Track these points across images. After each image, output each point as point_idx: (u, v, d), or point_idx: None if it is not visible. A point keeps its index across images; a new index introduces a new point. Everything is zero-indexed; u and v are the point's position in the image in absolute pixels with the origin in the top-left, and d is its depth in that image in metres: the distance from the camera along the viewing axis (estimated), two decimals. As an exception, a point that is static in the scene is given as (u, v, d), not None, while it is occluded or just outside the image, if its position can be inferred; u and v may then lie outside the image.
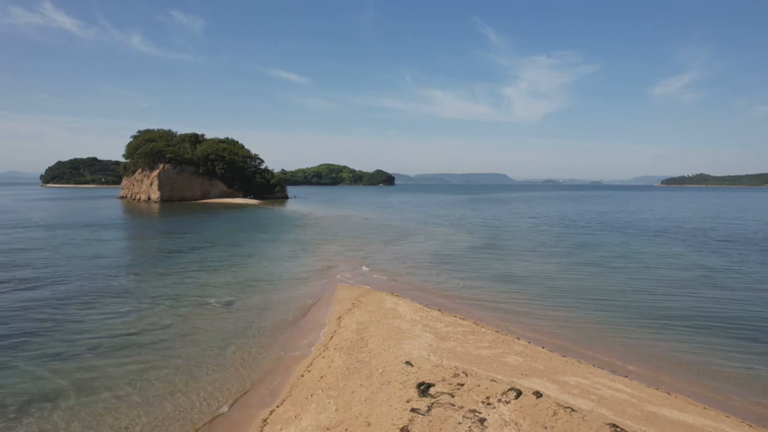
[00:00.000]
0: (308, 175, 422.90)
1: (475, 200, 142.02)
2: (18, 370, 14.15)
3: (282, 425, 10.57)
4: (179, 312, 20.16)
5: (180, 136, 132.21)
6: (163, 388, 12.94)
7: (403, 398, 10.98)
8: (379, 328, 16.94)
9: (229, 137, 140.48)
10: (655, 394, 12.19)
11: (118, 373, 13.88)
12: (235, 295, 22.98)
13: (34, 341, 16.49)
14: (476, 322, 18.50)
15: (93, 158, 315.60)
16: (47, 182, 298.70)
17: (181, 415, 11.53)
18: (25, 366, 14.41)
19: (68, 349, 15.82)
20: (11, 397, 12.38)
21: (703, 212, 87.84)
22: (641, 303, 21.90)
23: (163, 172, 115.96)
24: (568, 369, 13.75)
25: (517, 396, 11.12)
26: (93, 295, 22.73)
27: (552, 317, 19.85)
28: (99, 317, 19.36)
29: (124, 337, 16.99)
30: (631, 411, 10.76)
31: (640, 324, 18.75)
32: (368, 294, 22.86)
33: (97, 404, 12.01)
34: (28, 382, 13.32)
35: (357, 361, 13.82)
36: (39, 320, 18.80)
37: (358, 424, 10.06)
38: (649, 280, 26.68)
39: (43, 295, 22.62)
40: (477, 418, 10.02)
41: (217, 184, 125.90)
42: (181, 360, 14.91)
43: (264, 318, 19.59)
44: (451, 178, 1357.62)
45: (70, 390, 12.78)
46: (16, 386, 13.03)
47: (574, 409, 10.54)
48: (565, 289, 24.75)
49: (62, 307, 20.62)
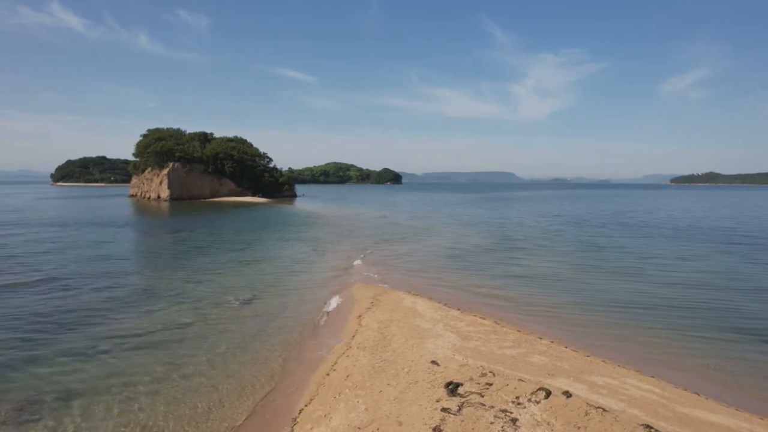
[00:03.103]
0: (316, 173, 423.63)
1: (484, 199, 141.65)
2: (44, 367, 14.27)
3: (312, 424, 10.59)
4: (198, 311, 20.25)
5: (189, 135, 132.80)
6: (187, 387, 12.98)
7: (433, 398, 10.96)
8: (401, 327, 16.93)
9: (238, 136, 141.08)
10: (685, 395, 12.09)
11: (142, 372, 13.94)
12: (253, 294, 23.05)
13: (58, 339, 16.63)
14: (497, 321, 18.44)
15: (102, 157, 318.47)
16: (57, 181, 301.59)
17: (207, 414, 11.56)
18: (50, 363, 14.52)
19: (91, 347, 15.92)
20: (39, 394, 12.48)
21: (720, 210, 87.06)
22: (664, 303, 21.67)
23: (173, 170, 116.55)
24: (594, 369, 13.67)
25: (546, 396, 11.06)
26: (110, 294, 22.88)
27: (572, 316, 19.76)
28: (118, 316, 19.48)
29: (145, 336, 17.09)
30: (663, 412, 10.67)
31: (664, 324, 18.58)
32: (385, 293, 22.86)
33: (124, 402, 12.08)
34: (55, 379, 13.43)
35: (382, 360, 13.82)
36: (60, 318, 18.95)
37: (389, 423, 10.05)
38: (672, 280, 26.40)
39: (62, 294, 22.79)
40: (509, 418, 9.98)
41: (226, 182, 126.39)
42: (203, 359, 14.96)
43: (283, 316, 19.65)
44: (458, 176, 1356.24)
45: (95, 388, 12.86)
46: (44, 383, 13.15)
47: (606, 409, 10.46)
48: (583, 288, 24.62)
49: (82, 306, 20.75)
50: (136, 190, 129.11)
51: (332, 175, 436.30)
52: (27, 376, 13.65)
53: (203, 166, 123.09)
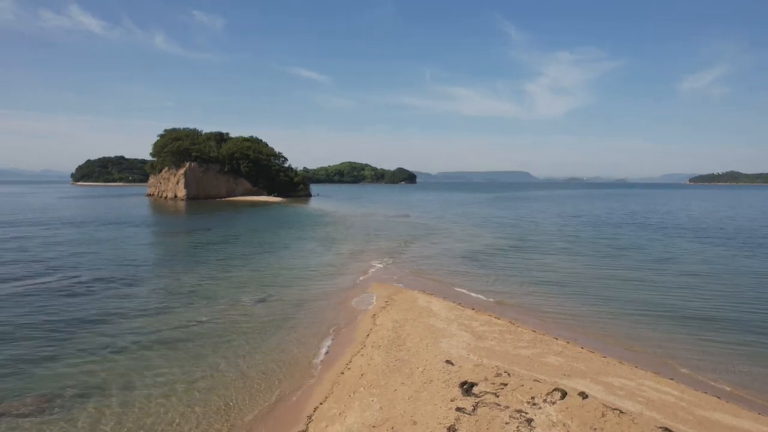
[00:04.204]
0: (330, 173, 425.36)
1: (499, 199, 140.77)
2: (64, 364, 14.52)
3: (327, 422, 10.63)
4: (214, 308, 20.45)
5: (205, 135, 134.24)
6: (202, 385, 13.09)
7: (447, 397, 10.92)
8: (415, 327, 16.90)
9: (253, 136, 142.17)
10: (705, 397, 11.88)
11: (158, 369, 14.12)
12: (268, 293, 23.21)
13: (77, 337, 16.90)
14: (511, 321, 18.32)
15: (120, 157, 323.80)
16: (77, 180, 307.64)
17: (222, 412, 11.67)
18: (70, 361, 14.77)
19: (112, 343, 16.18)
20: (62, 389, 12.73)
21: (744, 211, 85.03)
22: (683, 306, 21.28)
23: (189, 170, 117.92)
24: (611, 370, 13.50)
25: (562, 396, 10.96)
26: (128, 293, 23.22)
27: (588, 317, 19.55)
28: (137, 313, 19.76)
29: (164, 333, 17.31)
30: (682, 415, 10.50)
31: (683, 327, 18.26)
32: (400, 292, 22.84)
33: (144, 398, 12.26)
34: (74, 376, 13.66)
35: (396, 360, 13.82)
36: (79, 316, 19.25)
37: (403, 422, 10.05)
38: (692, 283, 25.88)
39: (81, 292, 23.19)
40: (524, 418, 9.91)
41: (241, 182, 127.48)
42: (217, 357, 15.08)
43: (298, 315, 19.75)
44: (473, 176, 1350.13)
45: (117, 383, 13.08)
46: (64, 380, 13.39)
47: (623, 411, 10.33)
48: (600, 289, 24.34)
49: (100, 305, 21.07)
50: (154, 190, 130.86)
51: (347, 174, 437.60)
52: (48, 372, 13.92)
53: (219, 166, 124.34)
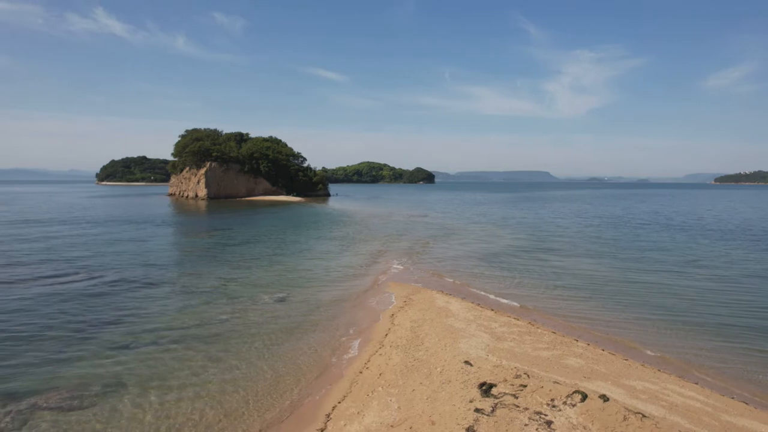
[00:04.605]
0: (349, 172, 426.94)
1: (519, 199, 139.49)
2: (89, 359, 14.88)
3: (345, 421, 10.68)
4: (234, 307, 20.70)
5: (225, 135, 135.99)
6: (222, 382, 13.28)
7: (466, 398, 10.88)
8: (434, 327, 16.87)
9: (273, 136, 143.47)
10: (731, 403, 11.60)
11: (180, 365, 14.36)
12: (287, 292, 23.40)
13: (102, 333, 17.28)
14: (531, 322, 18.15)
15: (143, 157, 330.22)
16: (102, 180, 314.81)
17: (242, 408, 11.82)
18: (95, 356, 15.13)
19: (133, 341, 16.49)
20: (86, 385, 13.03)
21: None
22: (708, 309, 20.81)
23: (210, 170, 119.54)
24: (633, 373, 13.28)
25: (582, 399, 10.81)
26: (150, 290, 23.66)
27: (609, 319, 19.26)
28: (159, 311, 20.12)
29: (183, 331, 17.58)
30: (707, 420, 10.27)
31: (708, 330, 17.87)
32: (418, 292, 22.82)
33: (163, 394, 12.48)
34: (99, 371, 13.98)
35: (415, 359, 13.81)
36: (103, 313, 19.69)
37: (422, 422, 10.04)
38: (718, 286, 25.24)
39: (104, 289, 23.69)
40: (543, 420, 9.81)
41: (261, 181, 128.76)
42: (238, 355, 15.27)
43: (317, 314, 19.88)
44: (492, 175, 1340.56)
45: (138, 380, 13.33)
46: (90, 375, 13.72)
47: (645, 415, 10.14)
48: (622, 290, 23.96)
49: (123, 301, 21.54)
50: (175, 189, 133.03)
51: (365, 174, 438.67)
52: (74, 367, 14.27)
53: (239, 166, 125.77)
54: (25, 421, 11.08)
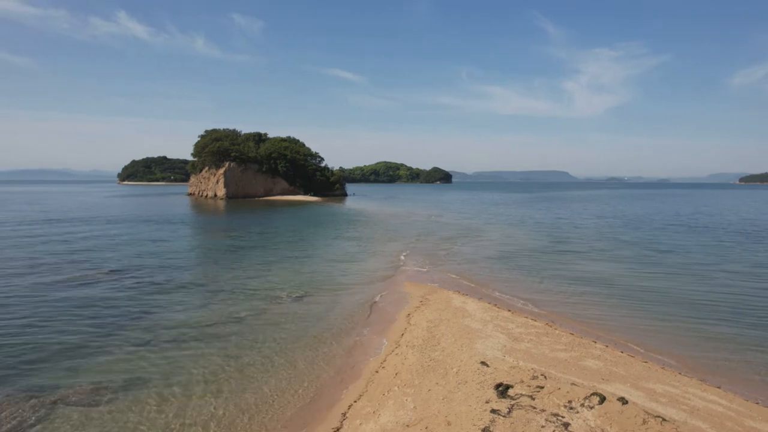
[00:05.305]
0: (366, 172, 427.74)
1: (537, 199, 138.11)
2: (111, 355, 15.19)
3: (361, 420, 10.73)
4: (252, 306, 20.93)
5: (244, 135, 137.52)
6: (240, 379, 13.47)
7: (482, 399, 10.83)
8: (450, 327, 16.83)
9: (291, 136, 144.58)
10: (756, 408, 11.34)
11: (199, 362, 14.59)
12: (304, 291, 23.57)
13: (123, 330, 17.62)
14: (548, 323, 17.99)
15: (163, 157, 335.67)
16: (123, 180, 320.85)
17: (259, 405, 11.95)
18: (116, 352, 15.44)
19: (153, 338, 16.79)
20: (107, 380, 13.33)
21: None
22: (731, 312, 20.36)
23: (229, 170, 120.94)
24: (652, 375, 13.08)
25: (601, 401, 10.68)
26: (170, 288, 24.05)
27: (628, 321, 18.98)
28: (179, 309, 20.45)
29: (202, 328, 17.84)
30: (731, 425, 10.07)
31: (731, 334, 17.46)
32: (435, 292, 22.78)
33: (183, 390, 12.71)
34: (121, 366, 14.28)
35: (431, 360, 13.80)
36: (123, 310, 20.08)
37: (437, 422, 10.04)
38: (741, 290, 24.62)
39: (125, 287, 24.16)
40: (560, 422, 9.72)
41: (279, 181, 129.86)
42: (255, 352, 15.46)
43: (334, 313, 19.99)
44: (509, 175, 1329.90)
45: (159, 377, 13.57)
46: (111, 370, 14.03)
47: (665, 418, 9.98)
48: (641, 292, 23.59)
49: (143, 299, 21.93)
50: (194, 189, 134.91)
51: (382, 174, 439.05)
52: (96, 363, 14.61)
53: (257, 166, 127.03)
54: (49, 414, 11.38)
